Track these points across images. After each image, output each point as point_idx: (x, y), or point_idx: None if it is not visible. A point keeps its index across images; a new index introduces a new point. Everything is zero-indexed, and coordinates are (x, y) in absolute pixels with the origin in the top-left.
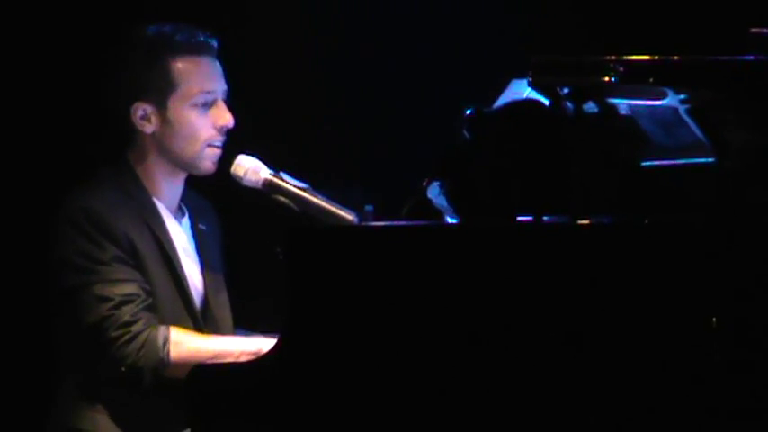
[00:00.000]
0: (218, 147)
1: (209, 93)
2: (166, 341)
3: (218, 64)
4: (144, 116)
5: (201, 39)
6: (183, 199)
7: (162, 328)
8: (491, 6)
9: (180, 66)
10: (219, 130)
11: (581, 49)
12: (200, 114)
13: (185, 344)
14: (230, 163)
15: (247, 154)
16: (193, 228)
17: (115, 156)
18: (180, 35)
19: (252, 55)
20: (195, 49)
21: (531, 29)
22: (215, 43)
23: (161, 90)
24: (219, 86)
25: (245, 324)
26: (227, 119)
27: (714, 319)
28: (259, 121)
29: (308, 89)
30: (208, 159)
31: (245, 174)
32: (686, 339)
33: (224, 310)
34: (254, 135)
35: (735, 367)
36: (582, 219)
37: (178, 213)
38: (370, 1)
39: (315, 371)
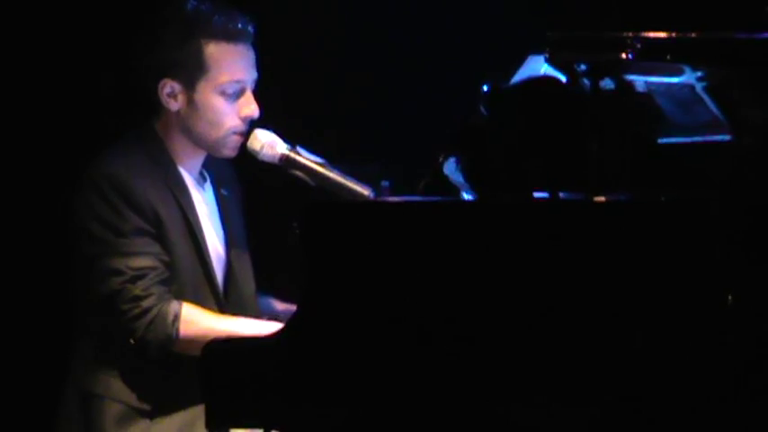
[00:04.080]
0: (241, 134)
1: (238, 82)
2: (176, 318)
3: (252, 52)
4: (171, 93)
5: (240, 25)
6: (205, 165)
7: (173, 305)
8: None
9: (213, 50)
10: (244, 119)
11: (598, 26)
12: (228, 102)
13: (196, 322)
14: (247, 136)
15: (264, 128)
16: (216, 194)
17: (141, 121)
18: (218, 17)
19: (268, 31)
20: (232, 35)
21: (548, 4)
22: (252, 29)
23: (191, 71)
24: (250, 76)
25: (265, 291)
26: (253, 109)
27: (729, 297)
28: (276, 96)
29: (325, 63)
30: (230, 146)
31: (262, 148)
32: (701, 317)
33: (247, 275)
34: (271, 109)
35: (748, 346)
36: (598, 196)
37: (200, 179)
38: None
39: (329, 347)
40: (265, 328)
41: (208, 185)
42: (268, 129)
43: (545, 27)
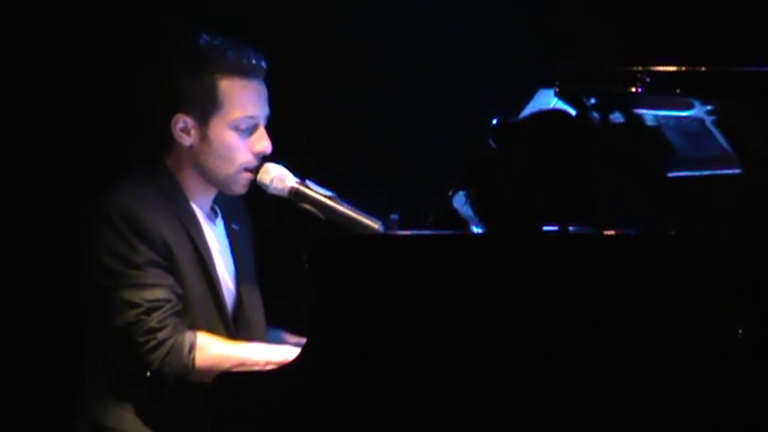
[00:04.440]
0: (252, 171)
1: (252, 117)
2: (192, 348)
3: (264, 88)
4: (184, 128)
5: (253, 61)
6: (216, 199)
7: (188, 335)
8: (519, 15)
9: (227, 85)
10: (257, 155)
11: (608, 60)
12: (240, 138)
13: (211, 350)
14: (257, 170)
15: (273, 162)
16: (227, 228)
17: (150, 155)
18: (231, 52)
19: (276, 62)
20: (245, 71)
21: (558, 39)
22: (264, 65)
23: (205, 106)
24: (263, 112)
25: (275, 324)
26: (265, 146)
27: (740, 330)
28: (285, 129)
29: (334, 97)
30: (240, 183)
31: (272, 181)
32: (712, 349)
33: (257, 310)
34: (281, 143)
35: (759, 377)
36: (608, 229)
37: (211, 214)
38: (397, 9)
39: (339, 379)
40: (279, 352)
41: (219, 220)
42: (278, 162)
43: (555, 61)
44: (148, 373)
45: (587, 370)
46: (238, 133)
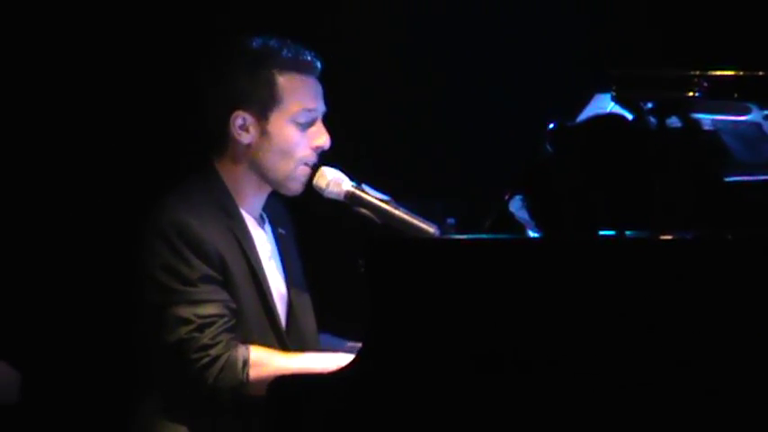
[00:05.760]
0: (309, 166)
1: (310, 111)
2: (246, 363)
3: (320, 86)
4: (243, 125)
5: (308, 58)
6: (263, 206)
7: (242, 350)
8: (576, 18)
9: (285, 80)
10: (315, 149)
11: (665, 64)
12: (300, 132)
13: (266, 364)
14: (313, 174)
15: (330, 165)
16: (274, 233)
17: (201, 162)
18: (286, 51)
19: (333, 66)
20: (301, 68)
21: (615, 43)
22: (319, 65)
23: (264, 102)
24: (320, 106)
25: (329, 329)
26: (324, 140)
27: None
28: (341, 133)
29: (391, 101)
30: (298, 180)
31: (328, 185)
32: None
33: (308, 314)
34: (337, 146)
35: None
36: (665, 234)
37: (260, 220)
38: (453, 12)
39: (394, 384)
40: (333, 360)
41: (267, 226)
42: (334, 166)
43: (612, 64)
44: (202, 390)
45: (644, 371)
46: (298, 127)
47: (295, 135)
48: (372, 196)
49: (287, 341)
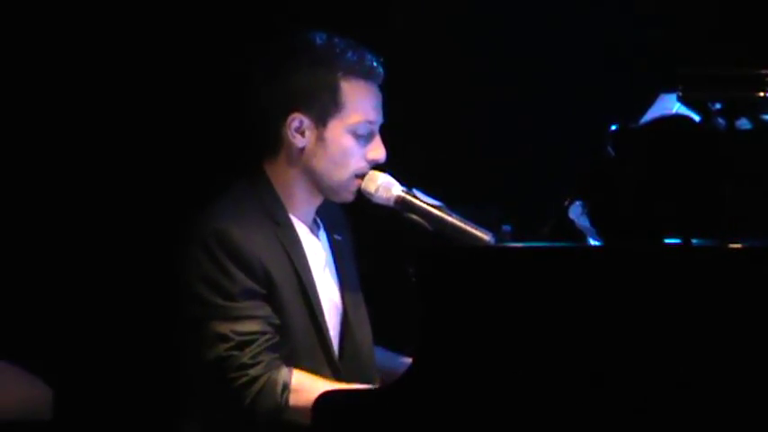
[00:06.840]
0: (362, 178)
1: (370, 123)
2: (286, 387)
3: (381, 95)
4: (299, 128)
5: (374, 64)
6: (317, 211)
7: (283, 373)
8: (641, 17)
9: (349, 87)
10: (370, 162)
11: (734, 62)
12: (357, 143)
13: (306, 390)
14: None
15: (380, 169)
16: (330, 239)
17: (250, 166)
18: (352, 53)
19: (387, 70)
20: (366, 73)
21: (681, 40)
22: (382, 71)
23: (324, 106)
24: (380, 118)
25: (384, 343)
26: (380, 153)
27: None
28: (392, 137)
29: (444, 104)
30: (350, 190)
31: (377, 190)
32: None
33: (363, 323)
34: (387, 150)
35: None
36: (734, 242)
37: (314, 227)
38: (513, 18)
39: (447, 398)
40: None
41: (321, 232)
42: (384, 170)
43: (678, 63)
44: (240, 409)
45: (709, 384)
46: (356, 138)
47: (352, 146)
48: (424, 202)
49: (336, 361)
